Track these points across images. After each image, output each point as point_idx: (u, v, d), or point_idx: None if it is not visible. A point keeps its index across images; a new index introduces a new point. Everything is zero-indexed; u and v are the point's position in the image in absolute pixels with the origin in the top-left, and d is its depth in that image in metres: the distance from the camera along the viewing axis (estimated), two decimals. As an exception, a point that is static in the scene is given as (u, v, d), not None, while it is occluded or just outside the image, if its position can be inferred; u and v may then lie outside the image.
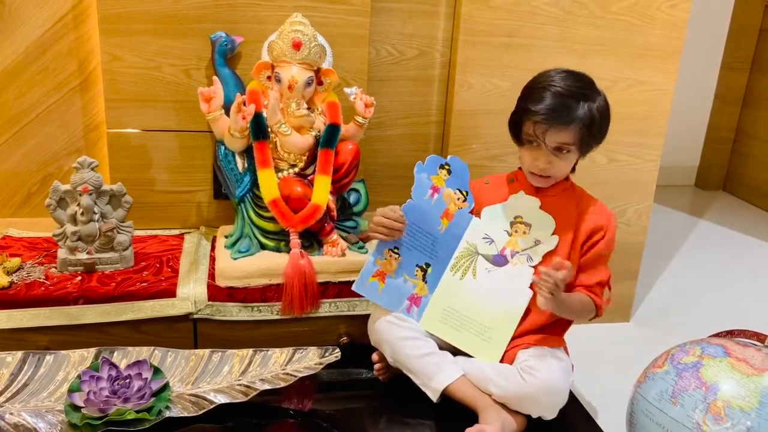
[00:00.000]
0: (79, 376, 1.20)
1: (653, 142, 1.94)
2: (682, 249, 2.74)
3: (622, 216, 1.99)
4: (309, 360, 1.29)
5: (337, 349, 1.31)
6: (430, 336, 1.34)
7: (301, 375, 1.26)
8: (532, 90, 1.30)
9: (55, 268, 1.47)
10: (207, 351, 1.31)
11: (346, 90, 1.54)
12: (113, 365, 1.22)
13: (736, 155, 3.50)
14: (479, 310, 1.31)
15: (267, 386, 1.24)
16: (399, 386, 1.33)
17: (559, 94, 1.25)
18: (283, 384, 1.25)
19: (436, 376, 1.28)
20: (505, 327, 1.30)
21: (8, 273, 1.43)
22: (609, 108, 1.31)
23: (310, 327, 1.52)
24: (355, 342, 1.51)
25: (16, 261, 1.47)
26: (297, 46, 1.46)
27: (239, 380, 1.26)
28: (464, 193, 1.38)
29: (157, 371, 1.23)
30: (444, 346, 1.34)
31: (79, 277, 1.45)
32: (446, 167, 1.38)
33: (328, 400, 1.35)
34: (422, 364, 1.29)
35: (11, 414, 1.16)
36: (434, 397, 1.27)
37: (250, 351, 1.31)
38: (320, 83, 1.53)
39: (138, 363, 1.23)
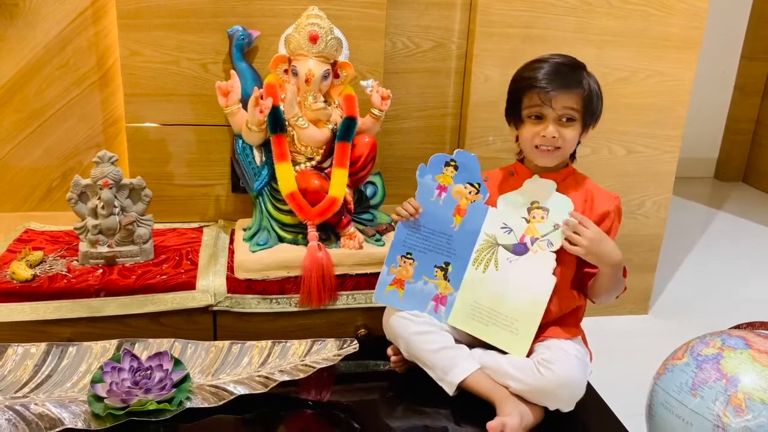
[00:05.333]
0: (101, 368, 1.22)
1: (672, 133, 1.93)
2: (701, 241, 2.71)
3: (641, 208, 1.98)
4: (327, 351, 1.30)
5: (356, 341, 1.31)
6: (445, 330, 1.34)
7: (319, 366, 1.27)
8: (528, 66, 1.30)
9: (77, 261, 1.49)
10: (227, 343, 1.32)
11: (363, 83, 1.54)
12: (135, 357, 1.23)
13: (755, 147, 3.46)
14: (504, 302, 1.30)
15: (286, 377, 1.25)
16: (416, 378, 1.33)
17: (558, 63, 1.27)
18: (302, 375, 1.26)
19: (451, 370, 1.27)
20: (531, 317, 1.28)
21: (31, 266, 1.45)
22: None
23: (328, 319, 1.53)
24: (373, 334, 1.52)
25: (38, 254, 1.49)
26: (314, 39, 1.46)
27: (258, 371, 1.27)
28: (476, 185, 1.35)
29: (177, 363, 1.24)
30: (460, 340, 1.34)
31: (101, 270, 1.47)
32: (452, 164, 1.35)
33: (345, 392, 1.35)
34: (438, 358, 1.29)
35: (36, 404, 1.18)
36: (450, 390, 1.27)
37: (269, 342, 1.32)
38: (337, 76, 1.54)
39: (159, 354, 1.24)
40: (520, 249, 1.32)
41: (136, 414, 1.17)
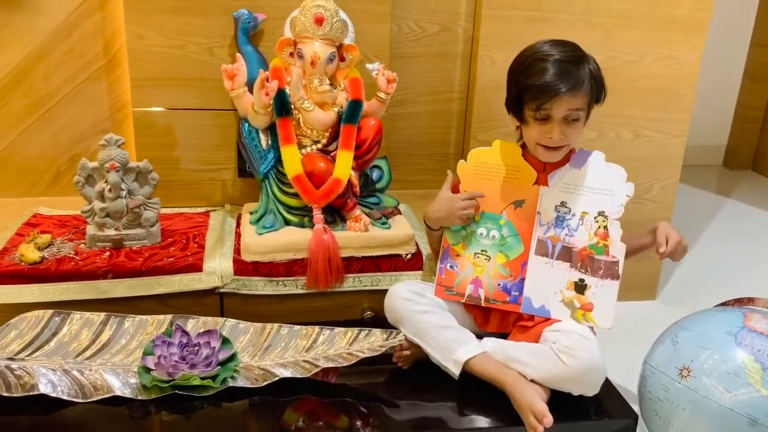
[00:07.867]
0: (153, 341, 1.25)
1: (680, 117, 1.91)
2: (709, 228, 2.70)
3: (648, 192, 1.97)
4: (373, 341, 1.30)
5: (401, 333, 1.31)
6: (450, 313, 1.33)
7: (363, 356, 1.25)
8: (528, 66, 1.27)
9: (84, 244, 1.50)
10: (275, 325, 1.34)
11: (369, 65, 1.53)
12: (185, 332, 1.26)
13: (765, 134, 3.42)
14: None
15: (330, 364, 1.25)
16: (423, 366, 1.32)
17: (559, 61, 1.23)
18: (345, 363, 1.25)
19: (458, 349, 1.26)
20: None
21: (39, 249, 1.46)
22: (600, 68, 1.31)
23: (334, 301, 1.53)
24: (379, 316, 1.52)
25: (46, 237, 1.50)
26: (319, 21, 1.46)
27: (304, 356, 1.27)
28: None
29: (226, 341, 1.27)
30: (473, 331, 1.33)
31: (108, 253, 1.47)
32: None
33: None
34: (443, 337, 1.28)
35: (90, 371, 1.22)
36: (456, 370, 1.25)
37: (317, 328, 1.33)
38: (342, 59, 1.53)
39: (209, 332, 1.27)
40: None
41: (181, 388, 1.20)
